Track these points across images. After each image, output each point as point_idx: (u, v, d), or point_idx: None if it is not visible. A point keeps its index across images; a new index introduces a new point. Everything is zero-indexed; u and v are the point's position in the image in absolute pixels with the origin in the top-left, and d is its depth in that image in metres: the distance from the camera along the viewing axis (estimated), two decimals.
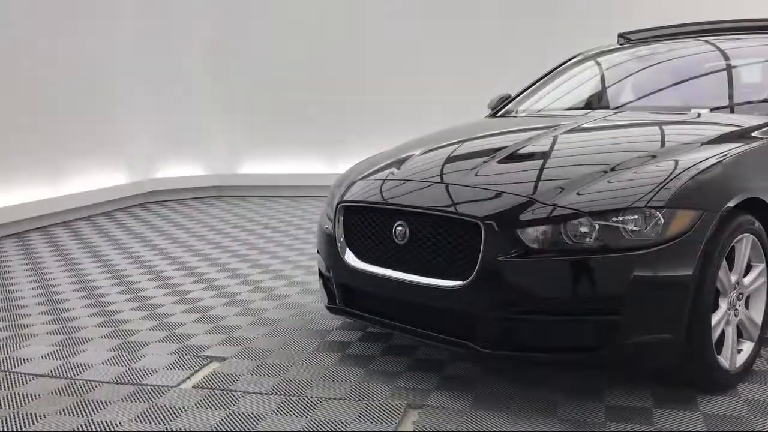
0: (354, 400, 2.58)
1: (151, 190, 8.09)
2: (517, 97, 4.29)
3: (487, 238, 2.36)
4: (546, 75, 4.41)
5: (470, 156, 3.09)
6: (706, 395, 2.50)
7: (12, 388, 2.78)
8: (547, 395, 2.56)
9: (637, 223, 2.27)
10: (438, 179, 2.80)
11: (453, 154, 3.11)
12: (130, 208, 7.66)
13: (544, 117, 3.80)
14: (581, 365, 2.53)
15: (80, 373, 2.93)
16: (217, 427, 2.41)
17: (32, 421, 2.49)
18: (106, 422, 2.46)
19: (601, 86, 4.15)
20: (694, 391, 2.52)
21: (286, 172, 8.26)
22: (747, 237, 2.53)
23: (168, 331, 3.44)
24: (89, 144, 7.25)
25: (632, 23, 4.85)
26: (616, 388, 2.60)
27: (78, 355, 3.14)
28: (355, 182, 3.05)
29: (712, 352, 2.42)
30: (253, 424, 2.41)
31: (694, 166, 2.47)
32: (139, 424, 2.44)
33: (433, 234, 2.53)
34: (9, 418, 2.52)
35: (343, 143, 8.02)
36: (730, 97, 3.54)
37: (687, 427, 2.29)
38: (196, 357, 3.08)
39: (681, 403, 2.46)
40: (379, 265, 2.71)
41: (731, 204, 2.42)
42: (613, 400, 2.50)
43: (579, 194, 2.40)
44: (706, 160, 2.52)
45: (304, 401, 2.58)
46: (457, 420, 2.40)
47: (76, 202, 6.92)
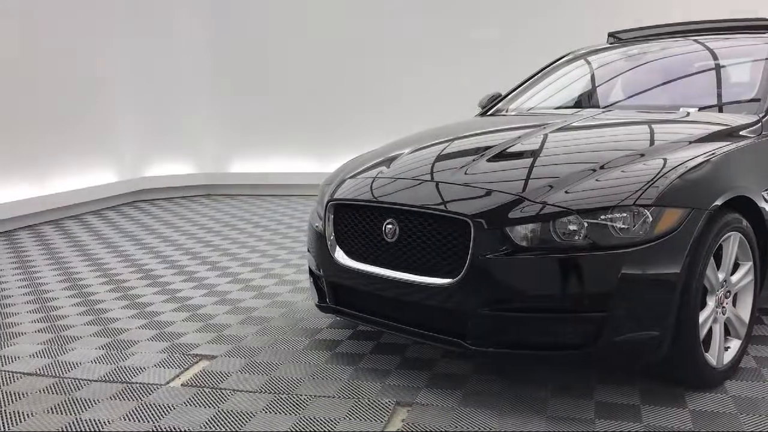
0: (343, 398, 2.58)
1: (141, 189, 8.07)
2: (507, 96, 4.30)
3: (477, 236, 2.37)
4: (536, 74, 4.42)
5: (460, 154, 3.09)
6: (693, 392, 2.51)
7: None
8: (537, 392, 2.57)
9: (626, 221, 2.28)
10: (428, 177, 2.80)
11: (443, 153, 3.11)
12: (120, 207, 7.63)
13: (534, 116, 3.80)
14: (570, 362, 2.54)
15: (68, 371, 2.92)
16: (206, 425, 2.40)
17: (20, 420, 2.47)
18: (94, 420, 2.45)
19: (590, 85, 4.16)
20: (682, 389, 2.54)
21: (276, 171, 8.26)
22: (734, 235, 2.54)
23: (157, 329, 3.43)
24: (79, 142, 7.22)
25: (632, 23, 4.86)
26: (605, 385, 2.61)
27: (66, 354, 3.12)
28: (345, 180, 3.05)
29: (700, 350, 2.43)
30: (243, 423, 2.41)
31: (683, 164, 2.48)
32: (127, 423, 2.43)
33: (423, 232, 2.53)
34: None
35: (333, 142, 8.02)
36: (719, 96, 3.55)
37: (675, 423, 2.31)
38: (185, 355, 3.07)
39: (669, 400, 2.47)
40: (369, 263, 2.71)
41: (719, 202, 2.44)
42: (602, 397, 2.51)
43: (568, 192, 2.40)
44: (694, 159, 2.53)
45: (294, 399, 2.58)
46: (446, 418, 2.41)
47: (66, 201, 6.89)
